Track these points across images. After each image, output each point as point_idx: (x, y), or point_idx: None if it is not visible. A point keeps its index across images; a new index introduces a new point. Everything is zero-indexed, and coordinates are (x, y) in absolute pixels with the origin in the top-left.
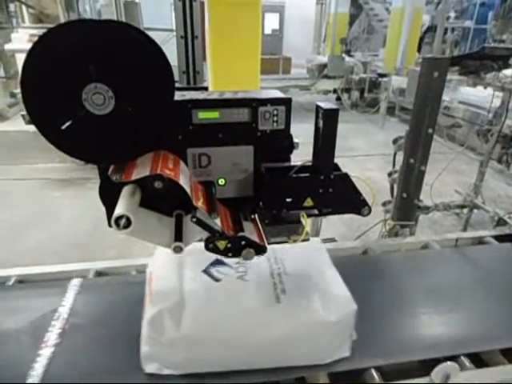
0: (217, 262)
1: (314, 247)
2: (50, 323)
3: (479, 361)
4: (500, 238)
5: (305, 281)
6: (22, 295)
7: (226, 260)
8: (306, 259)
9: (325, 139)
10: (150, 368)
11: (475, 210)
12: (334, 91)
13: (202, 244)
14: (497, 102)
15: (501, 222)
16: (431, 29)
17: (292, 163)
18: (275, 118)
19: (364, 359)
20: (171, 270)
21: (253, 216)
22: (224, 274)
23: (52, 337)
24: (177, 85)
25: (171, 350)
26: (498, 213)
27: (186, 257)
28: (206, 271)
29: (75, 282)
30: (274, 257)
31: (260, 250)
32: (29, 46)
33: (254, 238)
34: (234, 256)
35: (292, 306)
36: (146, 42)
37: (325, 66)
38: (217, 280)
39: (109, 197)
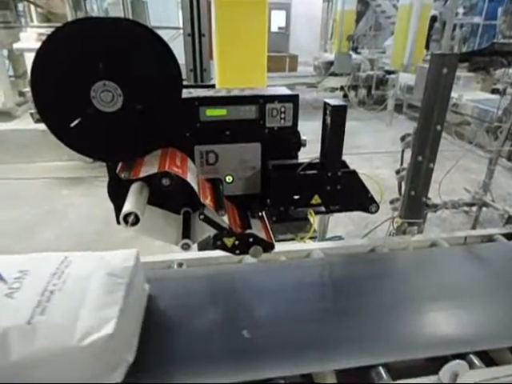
0: None
1: (123, 259)
2: None
3: (488, 359)
4: (509, 236)
5: (76, 300)
6: None
7: (4, 275)
8: (98, 274)
9: (333, 136)
10: None
11: (484, 208)
12: (341, 88)
13: None
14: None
15: (510, 220)
16: (435, 19)
17: (299, 160)
18: (283, 115)
19: (372, 356)
20: None
21: (260, 213)
22: None
23: None
24: (184, 82)
25: None
26: (508, 211)
27: None
28: None
29: None
30: (62, 271)
31: (268, 247)
32: (37, 45)
33: (262, 235)
34: (241, 253)
35: (42, 328)
36: (153, 40)
37: (331, 63)
38: None
39: (117, 194)
